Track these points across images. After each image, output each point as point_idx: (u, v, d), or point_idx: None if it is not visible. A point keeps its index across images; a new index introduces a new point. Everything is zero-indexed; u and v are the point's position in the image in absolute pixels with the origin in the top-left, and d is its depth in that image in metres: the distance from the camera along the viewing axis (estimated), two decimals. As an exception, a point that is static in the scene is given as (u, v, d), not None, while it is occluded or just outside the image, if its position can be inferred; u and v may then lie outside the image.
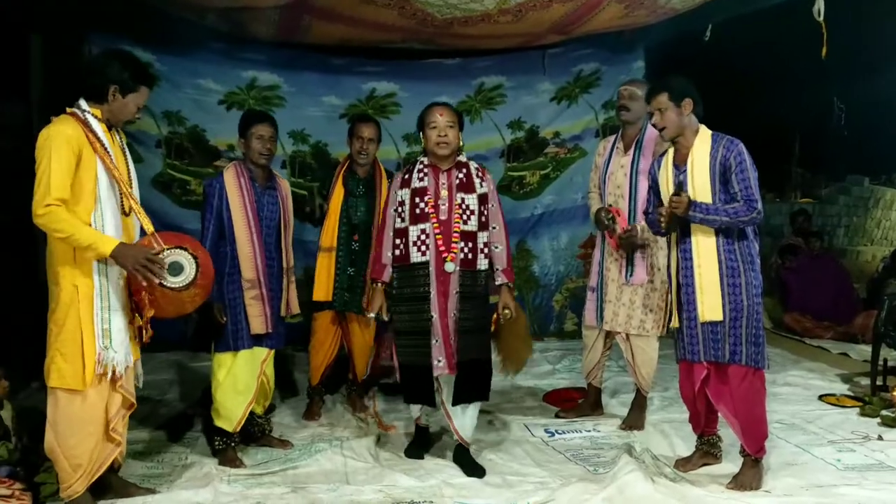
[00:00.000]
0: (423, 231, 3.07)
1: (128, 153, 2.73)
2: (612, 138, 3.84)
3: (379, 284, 3.16)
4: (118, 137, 2.70)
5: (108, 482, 2.76)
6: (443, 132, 3.06)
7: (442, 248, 3.05)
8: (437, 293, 3.06)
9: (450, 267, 3.05)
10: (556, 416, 3.96)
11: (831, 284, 6.34)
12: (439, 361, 3.07)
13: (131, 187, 2.67)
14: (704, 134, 3.01)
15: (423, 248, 3.07)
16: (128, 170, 2.69)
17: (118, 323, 2.58)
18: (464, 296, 3.07)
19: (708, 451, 3.21)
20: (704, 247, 2.95)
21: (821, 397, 4.31)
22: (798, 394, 4.39)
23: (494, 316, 3.22)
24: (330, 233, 3.80)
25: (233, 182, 3.23)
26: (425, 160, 3.16)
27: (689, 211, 2.88)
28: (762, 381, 3.00)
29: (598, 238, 3.86)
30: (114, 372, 2.57)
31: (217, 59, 5.20)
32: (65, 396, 2.54)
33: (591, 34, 5.27)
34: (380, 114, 5.43)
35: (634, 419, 3.77)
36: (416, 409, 3.30)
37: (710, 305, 2.94)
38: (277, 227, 3.34)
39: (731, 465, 3.16)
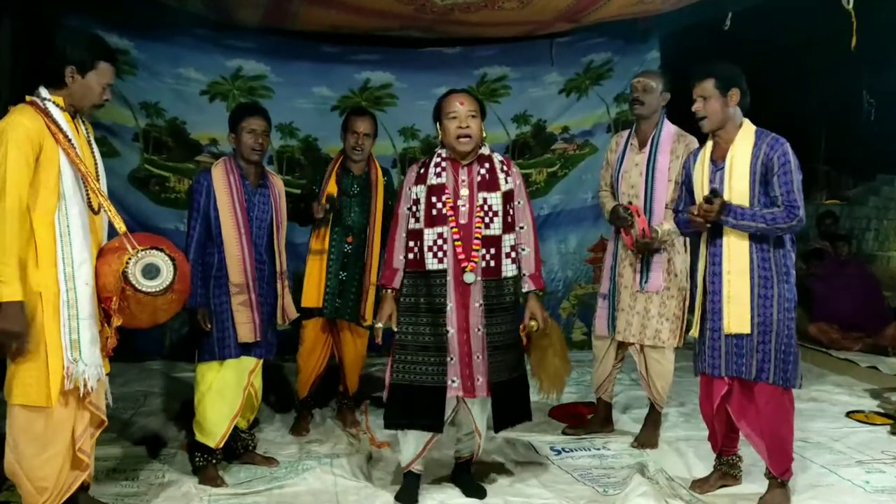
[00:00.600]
0: (440, 235, 2.93)
1: (94, 145, 2.67)
2: (625, 133, 3.83)
3: (389, 291, 3.01)
4: (83, 128, 2.65)
5: (78, 502, 2.72)
6: (464, 123, 2.92)
7: (462, 257, 2.92)
8: (457, 305, 2.94)
9: (469, 278, 2.91)
10: (563, 432, 3.95)
11: (860, 292, 6.33)
12: (454, 382, 2.94)
13: (99, 182, 2.61)
14: (748, 129, 2.97)
15: (441, 254, 2.92)
16: (95, 163, 2.63)
17: (87, 333, 2.51)
18: (489, 308, 2.95)
19: (727, 471, 3.21)
20: (736, 253, 2.92)
21: (848, 414, 4.32)
22: (824, 410, 4.39)
23: (521, 327, 3.10)
24: (321, 234, 3.79)
25: (221, 179, 3.22)
26: (443, 153, 3.04)
27: (722, 215, 2.85)
28: (791, 400, 2.99)
29: (610, 241, 3.84)
30: (84, 387, 2.50)
31: (200, 47, 5.19)
32: (27, 414, 2.47)
33: (603, 22, 5.27)
34: (375, 106, 5.43)
35: (647, 436, 3.76)
36: (408, 454, 3.05)
37: (736, 317, 2.92)
38: (269, 228, 3.33)
39: (750, 486, 3.16)
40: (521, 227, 3.06)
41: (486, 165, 3.02)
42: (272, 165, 5.36)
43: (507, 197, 3.01)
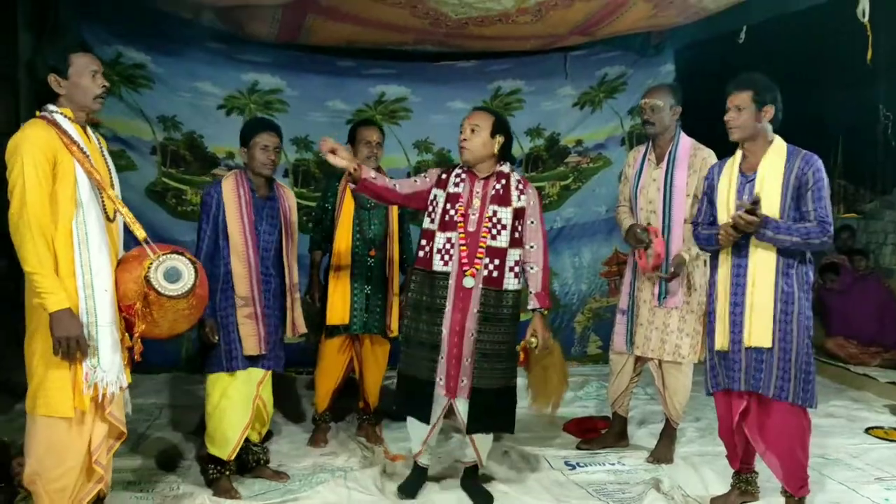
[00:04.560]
0: (448, 240, 3.07)
1: (108, 157, 2.70)
2: (642, 148, 3.83)
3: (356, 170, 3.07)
4: (96, 140, 2.67)
5: (94, 514, 2.75)
6: (465, 136, 3.08)
7: (465, 262, 3.04)
8: (454, 308, 3.06)
9: (468, 282, 3.03)
10: (578, 447, 3.93)
11: (878, 307, 6.27)
12: (440, 380, 3.08)
13: (113, 190, 2.64)
14: (779, 145, 2.98)
15: (447, 257, 3.07)
16: (109, 172, 2.66)
17: (106, 339, 2.52)
18: (485, 316, 3.04)
19: (745, 489, 3.17)
20: (762, 265, 2.90)
21: (867, 430, 4.28)
22: (842, 426, 4.35)
23: (522, 343, 3.16)
24: (342, 251, 3.79)
25: (231, 192, 3.23)
26: (465, 166, 3.18)
27: (761, 227, 2.83)
28: (808, 419, 2.97)
29: (629, 256, 3.83)
30: (104, 395, 2.51)
31: (216, 61, 5.24)
32: (48, 426, 2.49)
33: (617, 35, 5.28)
34: (389, 119, 5.47)
35: (663, 452, 3.74)
36: (417, 443, 3.24)
37: (758, 329, 2.89)
38: (278, 241, 3.32)
39: (769, 501, 3.12)
40: (532, 247, 3.12)
41: (503, 182, 3.13)
42: (287, 178, 5.40)
43: (518, 213, 3.09)
